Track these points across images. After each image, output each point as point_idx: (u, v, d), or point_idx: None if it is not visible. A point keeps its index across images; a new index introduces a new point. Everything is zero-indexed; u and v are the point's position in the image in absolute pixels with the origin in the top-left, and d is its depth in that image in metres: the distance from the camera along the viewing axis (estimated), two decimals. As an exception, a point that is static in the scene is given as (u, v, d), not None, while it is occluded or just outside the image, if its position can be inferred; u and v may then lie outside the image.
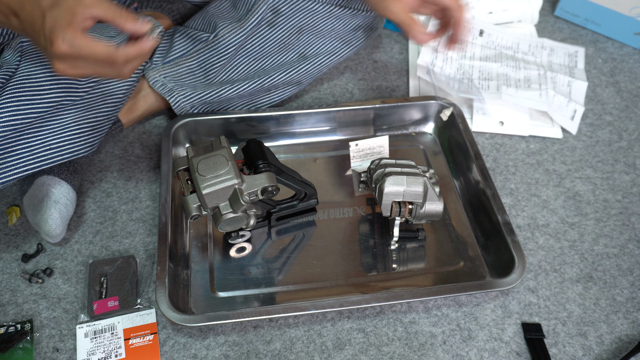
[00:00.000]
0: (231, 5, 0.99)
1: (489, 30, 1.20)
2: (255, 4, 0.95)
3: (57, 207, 0.83)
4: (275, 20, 0.97)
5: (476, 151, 0.93)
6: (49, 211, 0.82)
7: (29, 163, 0.78)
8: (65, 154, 0.82)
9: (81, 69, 0.66)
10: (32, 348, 0.76)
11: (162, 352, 0.76)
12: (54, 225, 0.82)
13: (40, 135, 0.79)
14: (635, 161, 1.02)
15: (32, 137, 0.79)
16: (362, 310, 0.81)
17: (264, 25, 0.96)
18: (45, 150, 0.80)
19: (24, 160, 0.78)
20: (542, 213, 0.93)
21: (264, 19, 0.96)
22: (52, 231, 0.82)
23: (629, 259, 0.88)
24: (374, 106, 1.00)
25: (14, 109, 0.76)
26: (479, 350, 0.77)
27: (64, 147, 0.82)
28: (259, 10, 0.95)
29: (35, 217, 0.83)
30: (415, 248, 0.86)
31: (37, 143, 0.79)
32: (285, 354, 0.76)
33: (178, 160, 0.80)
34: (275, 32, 0.97)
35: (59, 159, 0.81)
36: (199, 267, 0.84)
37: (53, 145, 0.81)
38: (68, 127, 0.82)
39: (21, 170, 0.78)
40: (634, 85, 1.16)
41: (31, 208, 0.83)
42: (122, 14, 0.65)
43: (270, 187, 0.77)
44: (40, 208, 0.82)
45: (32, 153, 0.79)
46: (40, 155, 0.80)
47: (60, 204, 0.83)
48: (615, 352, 0.78)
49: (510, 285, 0.78)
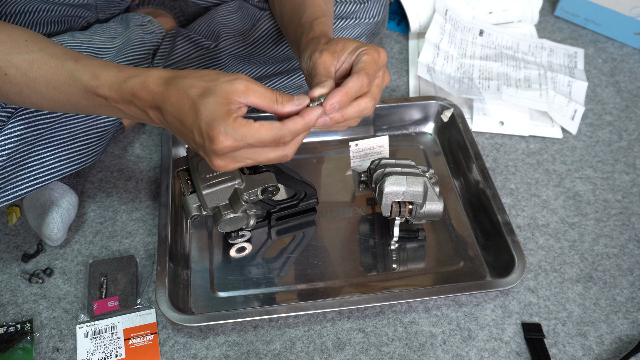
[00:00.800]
0: (238, 16, 0.99)
1: (489, 30, 1.20)
2: (260, 19, 0.95)
3: (59, 212, 0.82)
4: (280, 37, 0.96)
5: (476, 151, 0.93)
6: (50, 215, 0.82)
7: (40, 176, 0.77)
8: (74, 164, 0.82)
9: (242, 161, 0.59)
10: (32, 348, 0.76)
11: (162, 352, 0.77)
12: (55, 230, 0.82)
13: (50, 147, 0.78)
14: (635, 161, 1.02)
15: (43, 149, 0.77)
16: (362, 310, 0.81)
17: (269, 41, 0.96)
18: (55, 161, 0.79)
19: (36, 173, 0.77)
20: (542, 213, 0.93)
21: (269, 36, 0.95)
22: (53, 235, 0.82)
23: (629, 259, 0.88)
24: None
25: (19, 134, 0.73)
26: (479, 350, 0.77)
27: (73, 158, 0.81)
28: (263, 26, 0.94)
29: (37, 220, 0.82)
30: (415, 248, 0.86)
31: (36, 164, 0.77)
32: (285, 354, 0.76)
33: (178, 160, 0.80)
34: (280, 47, 0.97)
35: (68, 170, 0.81)
36: (199, 267, 0.84)
37: (63, 156, 0.80)
38: (77, 136, 0.82)
39: (33, 184, 0.77)
40: (634, 85, 1.16)
41: (32, 211, 0.83)
42: (277, 99, 0.59)
43: (270, 187, 0.77)
44: (42, 212, 0.82)
45: (42, 165, 0.78)
46: (51, 168, 0.79)
47: (62, 209, 0.83)
48: (615, 352, 0.78)
49: (510, 285, 0.78)
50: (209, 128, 0.55)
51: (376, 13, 1.02)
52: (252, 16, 0.97)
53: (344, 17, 0.99)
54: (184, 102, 0.56)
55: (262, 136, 0.57)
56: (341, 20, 0.99)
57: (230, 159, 0.59)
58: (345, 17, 0.99)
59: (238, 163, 0.60)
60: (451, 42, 1.15)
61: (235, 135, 0.56)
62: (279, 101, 0.59)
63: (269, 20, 0.94)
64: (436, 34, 1.14)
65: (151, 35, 0.97)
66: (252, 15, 0.97)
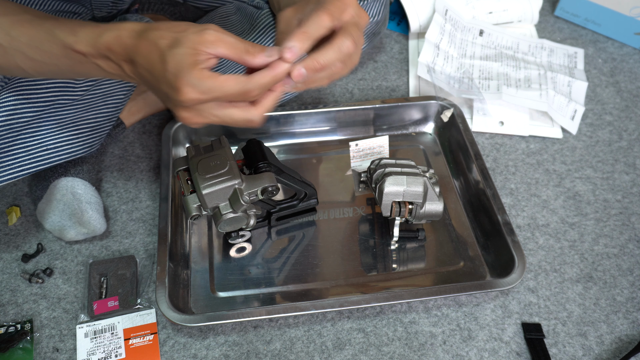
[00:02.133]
0: (237, 18, 0.99)
1: (489, 30, 1.20)
2: (258, 19, 0.95)
3: (92, 207, 0.83)
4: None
5: (476, 151, 0.93)
6: (87, 214, 0.82)
7: (25, 164, 0.78)
8: (63, 155, 0.82)
9: (208, 117, 0.58)
10: (32, 348, 0.76)
11: (162, 352, 0.77)
12: (99, 225, 0.84)
13: (37, 136, 0.78)
14: (635, 161, 1.02)
15: (29, 138, 0.78)
16: (362, 310, 0.81)
17: (268, 40, 0.95)
18: (43, 150, 0.79)
19: (21, 161, 0.77)
20: (542, 213, 0.93)
21: (267, 35, 0.95)
22: (98, 230, 0.84)
23: (629, 259, 0.88)
24: (374, 106, 1.00)
25: (11, 108, 0.74)
26: (479, 350, 0.77)
27: (61, 148, 0.81)
28: (262, 24, 0.94)
29: (70, 220, 0.83)
30: (415, 248, 0.86)
31: (35, 143, 0.78)
32: (285, 354, 0.76)
33: (178, 160, 0.80)
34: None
35: (56, 160, 0.81)
36: (199, 267, 0.84)
37: (50, 146, 0.80)
38: (66, 126, 0.82)
39: (18, 172, 0.77)
40: (634, 85, 1.16)
41: (56, 213, 0.83)
42: (248, 50, 0.57)
43: (270, 187, 0.77)
44: (75, 213, 0.82)
45: (28, 154, 0.78)
46: (38, 156, 0.79)
47: (93, 204, 0.84)
48: (615, 352, 0.78)
49: (510, 285, 0.78)
50: (175, 79, 0.55)
51: (376, 12, 1.01)
52: (250, 16, 0.97)
53: None
54: (154, 53, 0.56)
55: (227, 89, 0.55)
56: None
57: (196, 112, 0.58)
58: None
59: (203, 118, 0.58)
60: (451, 42, 1.15)
61: (201, 87, 0.55)
62: (250, 52, 0.57)
63: (267, 18, 0.94)
64: (436, 34, 1.14)
65: None
66: (250, 15, 0.97)
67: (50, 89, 0.79)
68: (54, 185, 0.84)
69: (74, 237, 0.84)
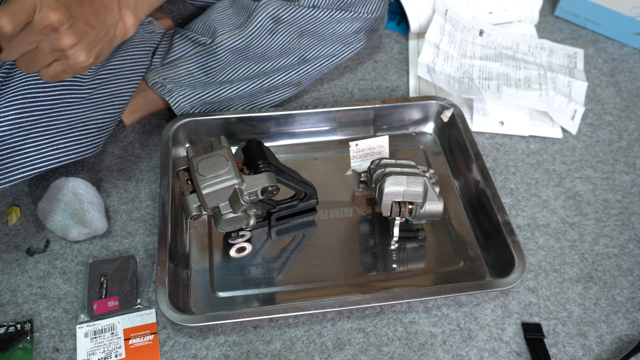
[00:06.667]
0: (233, 11, 0.99)
1: (488, 31, 1.20)
2: (255, 10, 0.95)
3: (94, 207, 0.84)
4: (276, 27, 0.96)
5: (476, 151, 0.93)
6: (89, 214, 0.83)
7: (34, 163, 0.78)
8: (72, 154, 0.82)
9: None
10: (32, 348, 0.76)
11: (162, 352, 0.77)
12: (101, 225, 0.84)
13: (47, 134, 0.79)
14: (635, 161, 1.02)
15: (40, 136, 0.78)
16: (362, 310, 0.81)
17: (265, 32, 0.96)
18: (52, 149, 0.80)
19: (31, 159, 0.78)
20: (542, 213, 0.93)
21: (264, 27, 0.96)
22: (100, 230, 0.84)
23: (629, 259, 0.88)
24: (374, 106, 1.00)
25: (20, 106, 0.75)
26: (479, 350, 0.77)
27: (71, 147, 0.82)
28: (258, 17, 0.95)
29: (71, 220, 0.83)
30: (415, 248, 0.86)
31: (44, 142, 0.79)
32: (285, 354, 0.76)
33: (178, 160, 0.80)
34: (276, 38, 0.97)
35: (65, 159, 0.81)
36: (199, 267, 0.84)
37: (60, 145, 0.81)
38: (75, 126, 0.82)
39: (27, 170, 0.77)
40: (634, 85, 1.16)
41: (58, 213, 0.83)
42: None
43: (270, 187, 0.77)
44: (77, 213, 0.83)
45: (38, 152, 0.78)
46: (47, 155, 0.79)
47: (94, 204, 0.84)
48: (615, 352, 0.78)
49: (510, 285, 0.78)
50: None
51: (375, 8, 1.02)
52: (246, 8, 0.97)
53: (342, 8, 0.99)
54: None
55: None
56: (339, 11, 0.99)
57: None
58: (344, 8, 0.99)
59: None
60: (451, 42, 1.15)
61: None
62: None
63: (263, 9, 0.94)
64: (436, 34, 1.14)
65: (151, 34, 0.98)
66: (246, 8, 0.97)
67: (56, 87, 0.79)
68: (54, 185, 0.84)
69: (76, 237, 0.84)
